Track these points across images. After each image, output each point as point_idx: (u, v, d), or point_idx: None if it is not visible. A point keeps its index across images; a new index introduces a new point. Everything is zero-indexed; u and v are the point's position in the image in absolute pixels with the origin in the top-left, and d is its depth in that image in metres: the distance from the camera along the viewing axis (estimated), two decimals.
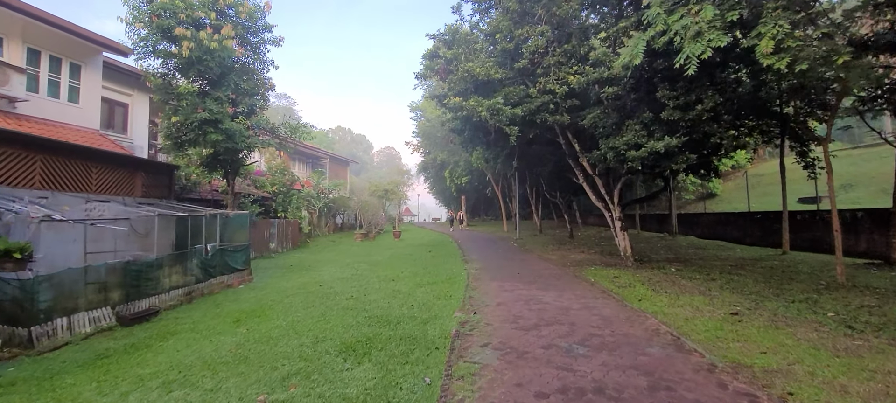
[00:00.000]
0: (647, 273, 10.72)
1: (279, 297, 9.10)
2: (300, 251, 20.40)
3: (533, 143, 17.46)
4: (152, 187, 11.40)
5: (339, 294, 9.14)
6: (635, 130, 9.46)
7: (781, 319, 6.48)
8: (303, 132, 12.78)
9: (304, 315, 7.37)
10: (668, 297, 7.91)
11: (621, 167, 11.00)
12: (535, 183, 24.61)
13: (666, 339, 5.38)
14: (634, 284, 9.26)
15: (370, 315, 7.04)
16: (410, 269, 12.54)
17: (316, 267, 14.53)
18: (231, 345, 5.81)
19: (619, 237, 12.86)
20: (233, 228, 11.75)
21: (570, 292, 8.39)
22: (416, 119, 37.05)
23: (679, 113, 8.66)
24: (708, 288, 8.83)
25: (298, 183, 24.73)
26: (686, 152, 9.21)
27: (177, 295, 8.80)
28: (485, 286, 9.23)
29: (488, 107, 10.69)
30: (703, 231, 19.82)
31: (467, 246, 19.37)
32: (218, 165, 11.76)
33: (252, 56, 11.64)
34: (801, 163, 13.60)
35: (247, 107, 10.90)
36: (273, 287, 10.51)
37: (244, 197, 16.69)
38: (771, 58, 6.53)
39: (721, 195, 28.48)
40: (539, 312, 6.73)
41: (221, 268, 10.66)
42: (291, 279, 11.66)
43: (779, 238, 14.72)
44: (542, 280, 9.85)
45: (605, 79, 8.99)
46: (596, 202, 13.89)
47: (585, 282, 9.51)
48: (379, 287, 9.76)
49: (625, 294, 8.24)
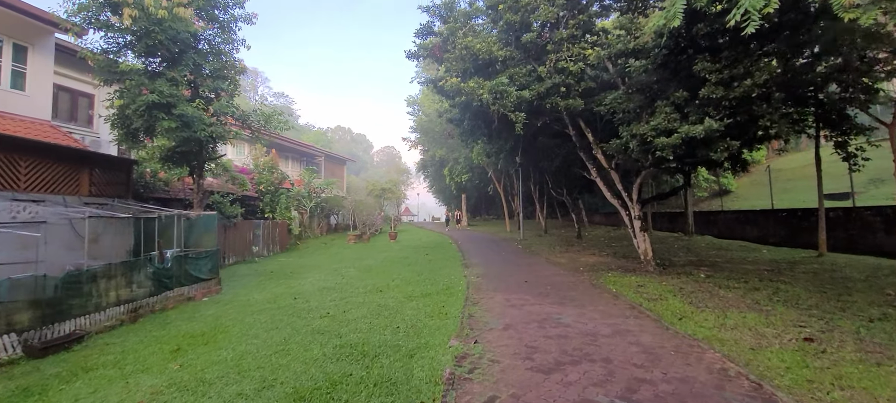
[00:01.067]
0: (674, 280, 9.24)
1: (242, 314, 7.61)
2: (287, 254, 18.92)
3: (539, 135, 15.95)
4: (107, 185, 9.90)
5: (314, 310, 7.65)
6: (665, 113, 7.95)
7: (873, 347, 5.00)
8: (278, 122, 11.25)
9: (261, 342, 5.87)
10: (713, 315, 6.42)
11: (645, 159, 9.49)
12: (540, 180, 23.08)
13: (742, 386, 3.88)
14: (665, 295, 7.78)
15: (343, 342, 5.54)
16: (403, 276, 11.06)
17: (299, 273, 13.05)
18: (147, 392, 4.32)
19: (639, 238, 11.34)
20: (198, 232, 10.26)
21: (592, 308, 6.88)
22: (413, 114, 35.45)
23: (722, 90, 7.15)
24: (755, 300, 7.33)
25: (288, 181, 23.23)
26: (727, 138, 7.69)
27: (116, 313, 7.31)
28: (488, 299, 7.73)
29: (491, 89, 9.18)
30: (720, 230, 18.41)
31: (468, 247, 17.87)
32: (181, 159, 10.26)
33: (220, 34, 10.12)
34: (842, 155, 11.99)
35: (210, 91, 9.32)
36: (241, 300, 9.03)
37: (223, 196, 15.20)
38: (854, 11, 5.06)
39: (736, 192, 26.94)
40: (559, 341, 5.22)
41: (181, 279, 9.18)
42: (266, 289, 10.17)
43: (809, 238, 13.33)
44: (556, 290, 8.34)
45: (631, 50, 7.50)
46: (611, 200, 12.37)
47: (607, 294, 8.01)
48: (363, 300, 8.27)
49: (659, 310, 6.75)
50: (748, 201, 24.15)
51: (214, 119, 9.19)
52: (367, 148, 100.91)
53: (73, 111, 14.04)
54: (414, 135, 36.56)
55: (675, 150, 7.84)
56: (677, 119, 7.91)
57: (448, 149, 31.70)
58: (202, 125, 8.78)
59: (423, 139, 35.88)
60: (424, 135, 34.68)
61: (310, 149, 34.49)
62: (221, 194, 15.20)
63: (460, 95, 10.02)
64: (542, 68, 9.22)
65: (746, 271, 10.01)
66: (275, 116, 11.19)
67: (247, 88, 79.26)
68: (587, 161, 12.74)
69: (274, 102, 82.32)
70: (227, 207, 15.08)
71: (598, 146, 11.65)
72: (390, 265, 13.72)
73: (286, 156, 31.81)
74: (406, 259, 15.11)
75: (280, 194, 21.03)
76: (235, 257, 15.98)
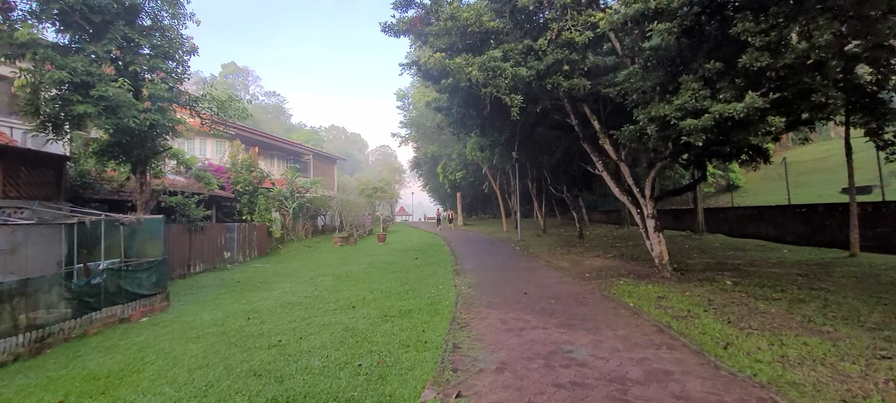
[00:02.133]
0: (697, 289, 7.87)
1: (175, 343, 6.13)
2: (265, 260, 17.40)
3: (537, 126, 14.54)
4: (30, 185, 8.41)
5: (264, 335, 6.19)
6: (693, 89, 6.53)
7: None
8: (236, 109, 9.69)
9: (175, 389, 4.40)
10: (765, 341, 5.03)
11: (664, 147, 8.07)
12: (538, 176, 21.68)
13: None
14: (694, 311, 6.39)
15: (280, 393, 4.09)
16: (384, 286, 9.63)
17: (270, 282, 11.58)
18: None
19: (653, 240, 9.93)
20: (142, 239, 8.77)
21: (610, 332, 5.45)
22: (404, 108, 33.85)
23: (767, 57, 5.73)
24: (806, 317, 5.97)
25: (269, 180, 21.70)
26: (770, 118, 6.29)
27: (12, 346, 5.80)
28: (479, 320, 6.29)
29: (481, 66, 7.73)
30: (731, 228, 17.21)
31: (461, 250, 16.44)
32: (121, 153, 8.73)
33: (163, 5, 8.55)
34: (878, 143, 10.56)
35: (143, 68, 7.71)
36: (185, 320, 7.54)
37: (188, 196, 13.66)
38: None
39: (744, 187, 25.63)
40: (575, 391, 3.78)
41: (116, 296, 7.68)
42: (222, 305, 8.68)
43: (831, 235, 12.16)
44: (562, 306, 6.91)
45: (652, 11, 6.10)
46: (620, 196, 10.96)
47: (624, 309, 6.59)
48: (329, 320, 6.81)
49: (694, 333, 5.35)
50: (758, 197, 22.84)
51: (150, 104, 7.62)
52: (362, 147, 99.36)
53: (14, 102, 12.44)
54: (404, 130, 34.91)
55: (706, 133, 6.42)
56: (708, 96, 6.50)
57: (440, 145, 30.21)
58: (133, 112, 7.23)
59: (414, 135, 34.32)
60: (416, 131, 33.14)
61: (297, 147, 32.89)
62: (186, 194, 13.66)
63: (446, 76, 8.56)
64: (542, 40, 7.76)
65: (777, 276, 8.67)
66: (231, 103, 9.63)
67: (238, 87, 77.56)
68: (592, 153, 11.32)
69: (265, 101, 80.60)
70: (192, 209, 13.54)
71: (605, 135, 10.23)
72: (373, 272, 12.27)
73: (271, 154, 30.20)
74: (392, 264, 13.67)
75: (259, 194, 19.50)
76: (204, 264, 14.46)
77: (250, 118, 10.34)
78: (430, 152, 32.71)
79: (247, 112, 9.68)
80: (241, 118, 9.55)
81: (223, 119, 9.84)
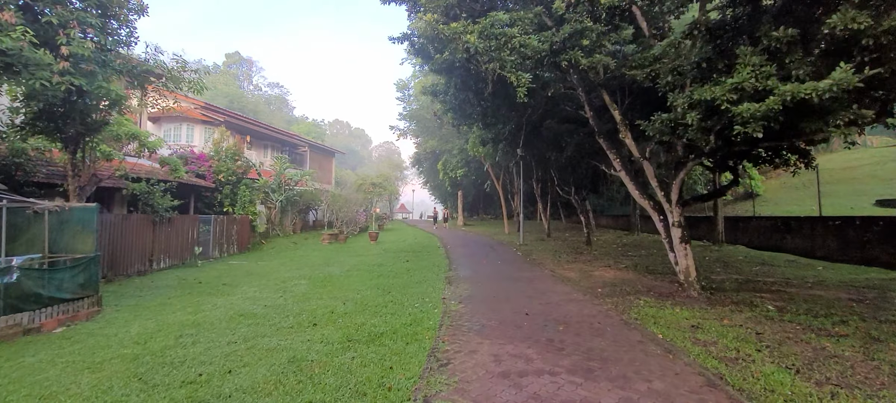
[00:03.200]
0: (736, 316, 6.41)
1: (61, 375, 4.68)
2: (244, 256, 16.01)
3: (546, 118, 13.03)
4: None
5: (185, 363, 4.75)
6: (753, 65, 5.02)
7: None
8: (191, 83, 8.16)
9: None
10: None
11: (704, 140, 6.55)
12: (544, 177, 20.16)
13: None
14: (746, 351, 4.91)
15: None
16: (362, 296, 8.19)
17: (234, 285, 10.16)
18: None
19: (678, 251, 8.42)
20: (70, 232, 7.35)
21: (642, 385, 3.97)
22: (403, 99, 32.31)
23: (866, 18, 4.22)
24: (894, 364, 4.50)
25: (255, 170, 20.30)
26: (855, 105, 4.79)
27: None
28: (466, 356, 4.81)
29: (482, 32, 6.24)
30: (752, 239, 15.72)
31: (458, 253, 14.99)
32: (51, 128, 7.28)
33: None
34: None
35: (61, 20, 6.20)
36: (104, 335, 6.10)
37: (153, 183, 12.24)
38: None
39: (764, 195, 24.00)
40: None
41: (22, 302, 6.26)
42: (161, 314, 7.24)
43: (869, 252, 10.65)
44: (573, 336, 5.43)
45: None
46: (640, 200, 9.44)
47: (655, 346, 5.10)
48: (276, 343, 5.36)
49: (758, 390, 3.88)
50: (780, 206, 21.23)
51: (68, 65, 6.12)
52: (365, 143, 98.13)
53: None
54: (404, 123, 33.31)
55: (768, 121, 4.92)
56: (772, 73, 5.00)
57: (441, 140, 28.69)
58: (42, 72, 5.77)
59: (414, 129, 32.78)
60: (417, 125, 31.60)
61: (292, 138, 31.48)
62: (152, 181, 12.24)
63: (441, 50, 7.08)
64: (560, 2, 6.23)
65: (826, 302, 7.19)
66: (179, 71, 8.09)
67: (241, 77, 76.28)
68: (609, 149, 9.79)
69: (267, 93, 79.28)
70: (157, 197, 12.13)
71: (627, 128, 8.72)
72: (356, 275, 10.86)
73: (264, 145, 28.82)
74: (379, 267, 12.25)
75: (242, 185, 18.09)
76: (171, 260, 13.05)
77: (206, 92, 8.85)
78: (430, 147, 31.17)
79: (202, 85, 8.22)
80: (197, 92, 8.11)
81: (173, 90, 8.39)
